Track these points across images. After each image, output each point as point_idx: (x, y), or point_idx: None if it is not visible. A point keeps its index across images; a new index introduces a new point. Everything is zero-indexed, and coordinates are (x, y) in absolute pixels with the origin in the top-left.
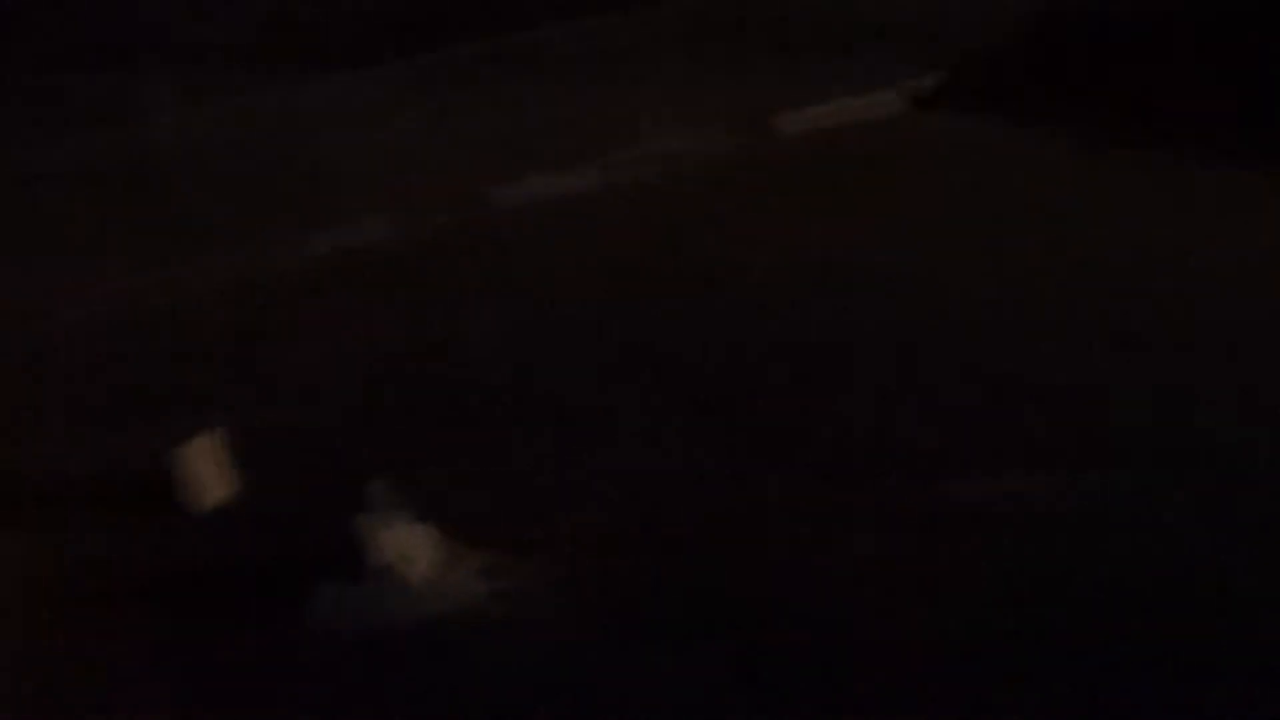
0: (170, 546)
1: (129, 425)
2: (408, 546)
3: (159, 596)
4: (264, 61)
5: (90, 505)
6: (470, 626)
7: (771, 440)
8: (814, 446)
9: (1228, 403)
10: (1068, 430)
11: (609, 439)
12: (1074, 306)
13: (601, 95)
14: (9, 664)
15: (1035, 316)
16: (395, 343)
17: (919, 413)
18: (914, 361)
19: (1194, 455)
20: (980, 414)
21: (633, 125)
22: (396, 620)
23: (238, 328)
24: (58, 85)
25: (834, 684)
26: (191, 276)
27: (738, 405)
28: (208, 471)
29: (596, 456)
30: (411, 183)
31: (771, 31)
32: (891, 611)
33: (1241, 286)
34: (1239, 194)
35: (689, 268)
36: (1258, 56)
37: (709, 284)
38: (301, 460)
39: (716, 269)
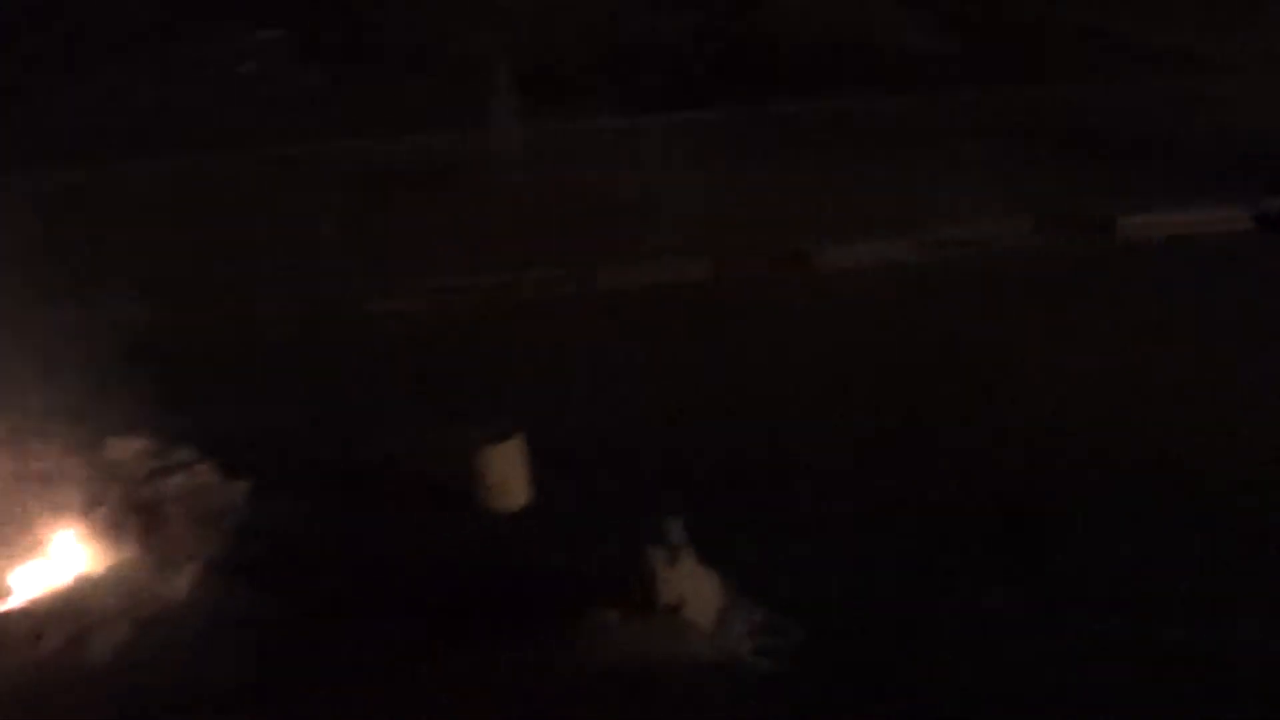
0: (460, 543)
1: (434, 421)
2: (693, 589)
3: (439, 590)
4: (595, 94)
5: (388, 493)
6: (733, 678)
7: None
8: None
9: None
10: None
11: (881, 511)
12: None
13: (916, 171)
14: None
15: None
16: (702, 380)
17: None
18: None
19: None
20: None
21: (954, 205)
22: (669, 660)
23: (550, 342)
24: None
25: None
26: (510, 286)
27: (1026, 515)
28: (507, 475)
29: (863, 529)
30: (732, 230)
31: (1102, 134)
32: None
33: None
34: None
35: (1003, 356)
36: None
37: (1017, 379)
38: (596, 479)
39: (1030, 365)
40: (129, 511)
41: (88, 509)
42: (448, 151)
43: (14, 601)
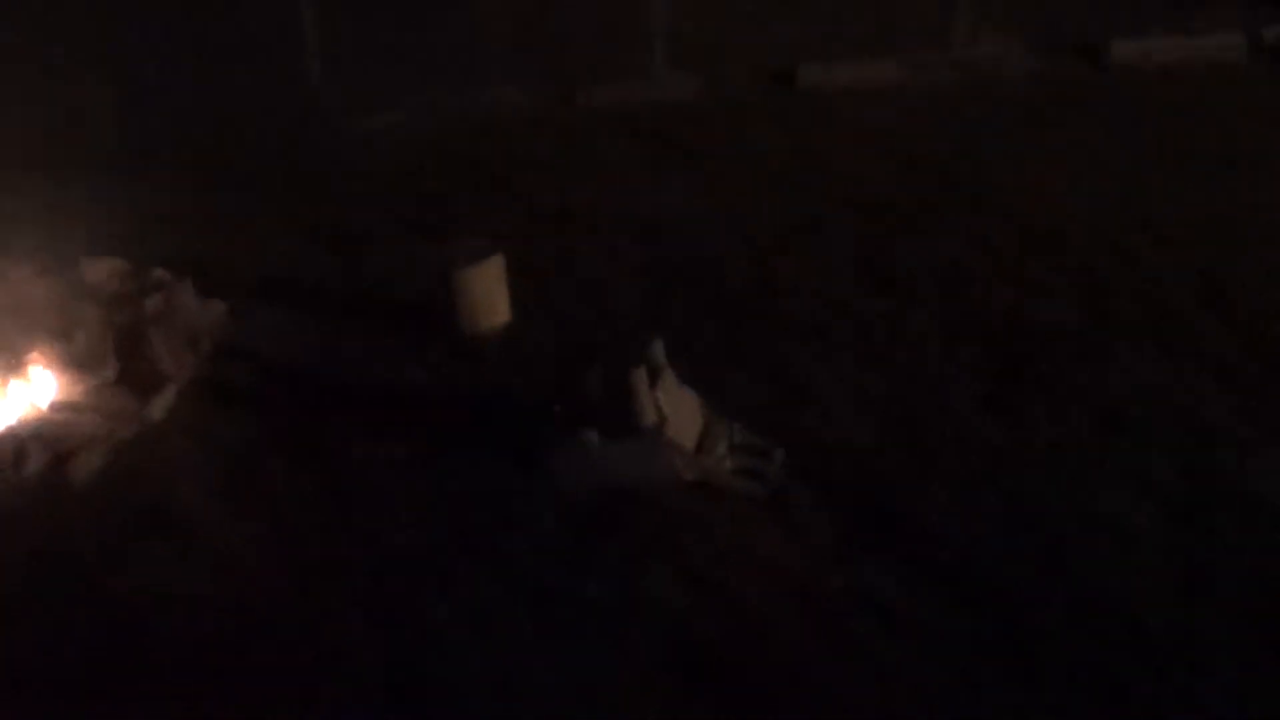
0: (439, 364)
1: (415, 239)
2: (674, 409)
3: (417, 412)
4: None
5: (368, 313)
6: (714, 498)
7: (1047, 386)
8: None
9: None
10: None
11: (880, 347)
12: None
13: None
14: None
15: None
16: (687, 200)
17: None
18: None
19: None
20: None
21: (943, 27)
22: (649, 480)
23: (532, 160)
24: None
25: None
26: (495, 103)
27: (1015, 339)
28: (487, 295)
29: (863, 364)
30: (717, 50)
31: None
32: None
33: None
34: None
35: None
36: None
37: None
38: (576, 300)
39: (1009, 188)
40: (106, 333)
41: (65, 332)
42: None
43: None
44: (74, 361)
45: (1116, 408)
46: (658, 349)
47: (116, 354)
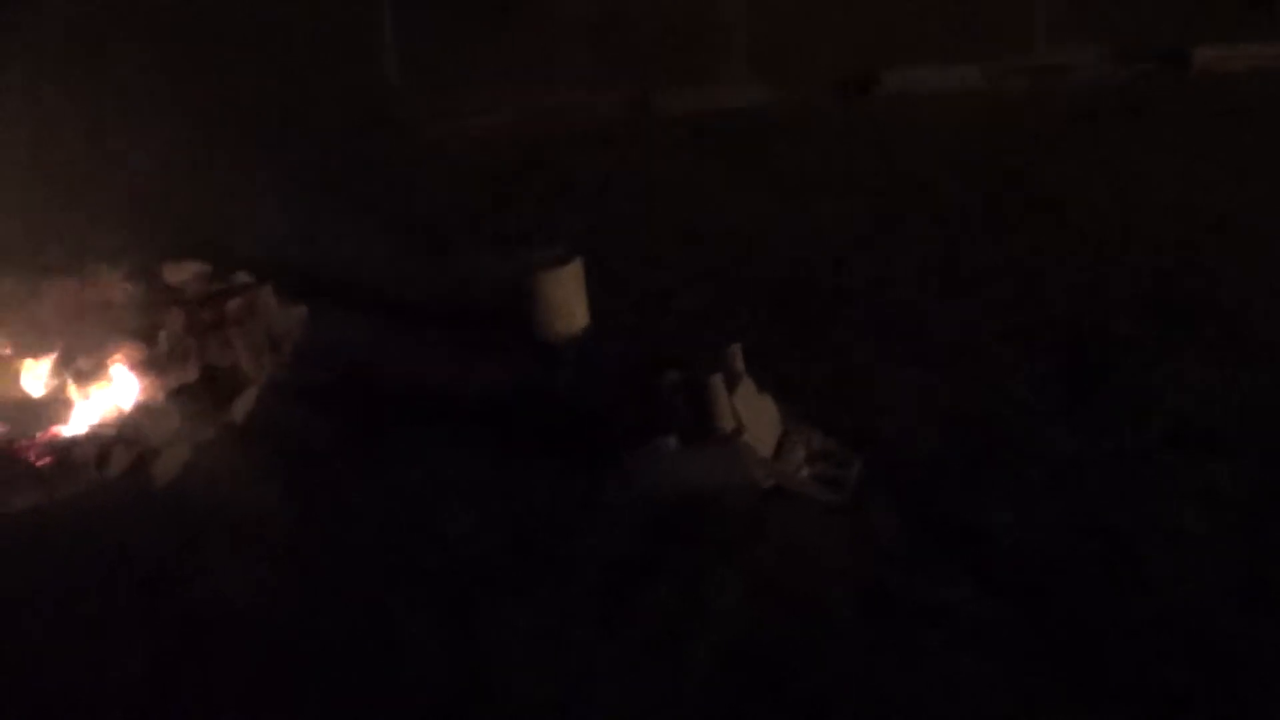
0: (516, 369)
1: (491, 245)
2: (751, 416)
3: (495, 416)
4: None
5: (446, 318)
6: (790, 506)
7: (1117, 394)
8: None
9: None
10: None
11: (952, 353)
12: None
13: None
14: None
15: None
16: (763, 206)
17: None
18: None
19: None
20: None
21: (1024, 33)
22: (725, 486)
23: (608, 166)
24: None
25: None
26: (569, 109)
27: (1086, 346)
28: (564, 301)
29: (934, 370)
30: (795, 53)
31: None
32: None
33: None
34: None
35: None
36: None
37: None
38: (654, 306)
39: (1095, 198)
40: (189, 335)
41: (148, 333)
42: None
43: (79, 426)
44: (156, 363)
45: (1185, 416)
46: (736, 356)
47: (198, 356)
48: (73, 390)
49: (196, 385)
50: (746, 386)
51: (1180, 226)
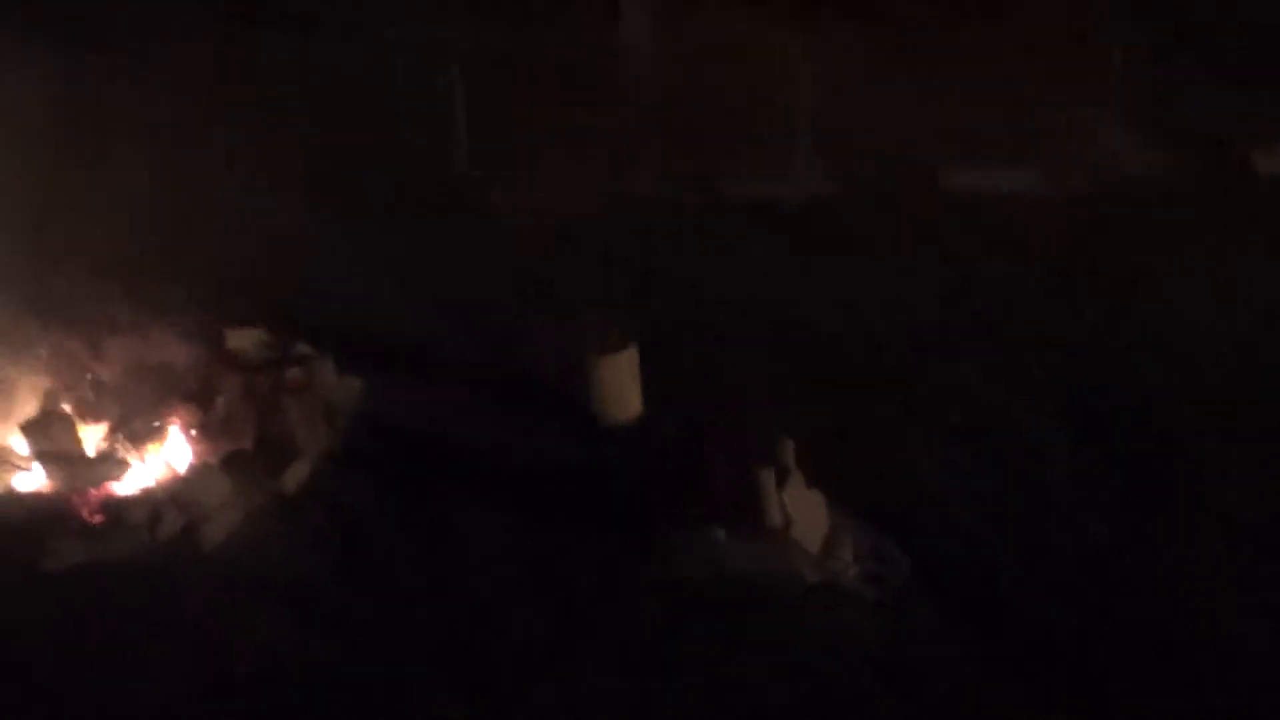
0: (568, 449)
1: (548, 323)
2: (800, 510)
3: (546, 495)
4: None
5: (501, 394)
6: (837, 603)
7: (1169, 492)
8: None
9: None
10: None
11: (1004, 439)
12: None
13: (1045, 88)
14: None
15: None
16: (821, 299)
17: None
18: None
19: None
20: None
21: (1088, 133)
22: (773, 580)
23: (668, 250)
24: None
25: None
26: (630, 191)
27: (1144, 442)
28: (618, 385)
29: (985, 455)
30: (856, 144)
31: (1252, 53)
32: None
33: None
34: None
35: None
36: None
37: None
38: (707, 395)
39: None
40: (245, 402)
41: (205, 397)
42: (577, 48)
43: (133, 485)
44: (212, 427)
45: (1237, 519)
46: (786, 449)
47: (254, 423)
48: (128, 450)
49: (250, 452)
50: (796, 481)
51: (1243, 325)
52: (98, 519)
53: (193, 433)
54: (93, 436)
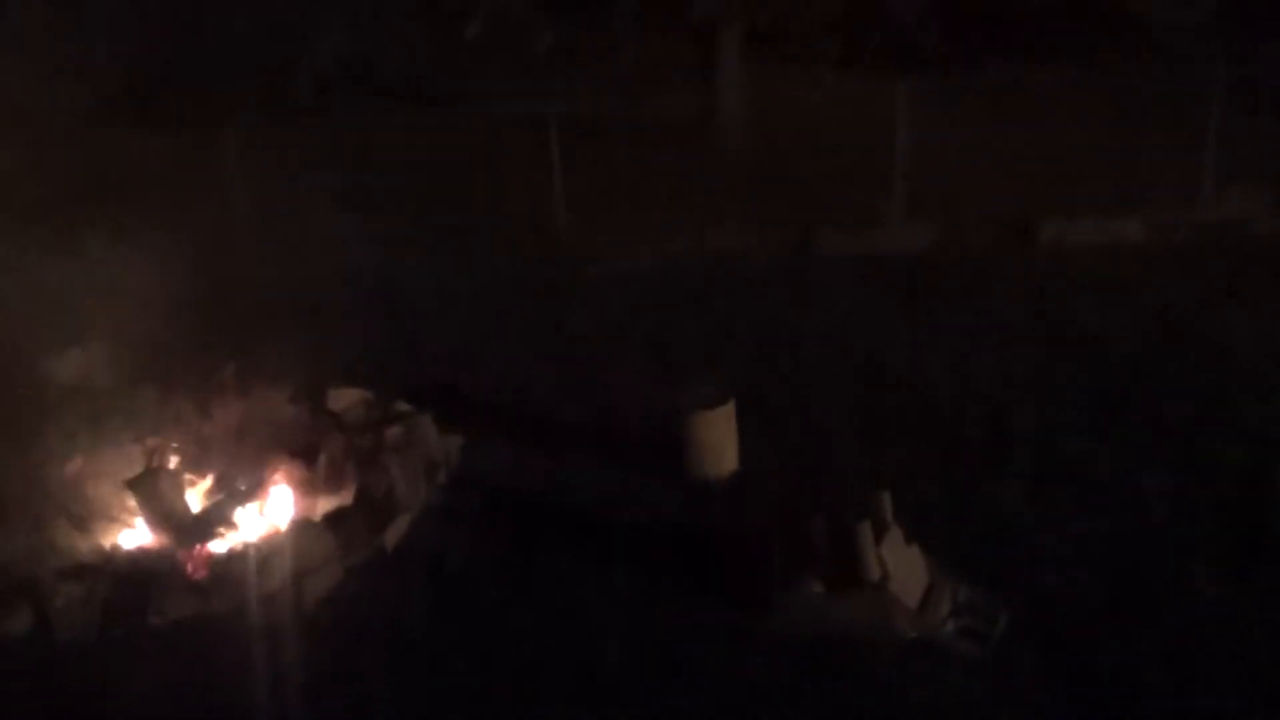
0: (667, 504)
1: (648, 381)
2: (899, 565)
3: (643, 550)
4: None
5: (599, 450)
6: (935, 659)
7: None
8: None
9: None
10: None
11: (1111, 504)
12: None
13: (1148, 143)
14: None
15: None
16: (920, 354)
17: None
18: None
19: None
20: None
21: (1190, 185)
22: (871, 636)
23: (767, 307)
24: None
25: None
26: (729, 248)
27: (1253, 500)
28: (718, 441)
29: (1078, 511)
30: (954, 199)
31: None
32: None
33: None
34: None
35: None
36: None
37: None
38: (806, 451)
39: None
40: (348, 460)
41: (309, 455)
42: (673, 110)
43: (236, 541)
44: (314, 484)
45: None
46: (884, 504)
47: (355, 480)
48: (233, 507)
49: (352, 509)
50: (894, 536)
51: None
52: (202, 574)
53: (296, 490)
54: (198, 494)
